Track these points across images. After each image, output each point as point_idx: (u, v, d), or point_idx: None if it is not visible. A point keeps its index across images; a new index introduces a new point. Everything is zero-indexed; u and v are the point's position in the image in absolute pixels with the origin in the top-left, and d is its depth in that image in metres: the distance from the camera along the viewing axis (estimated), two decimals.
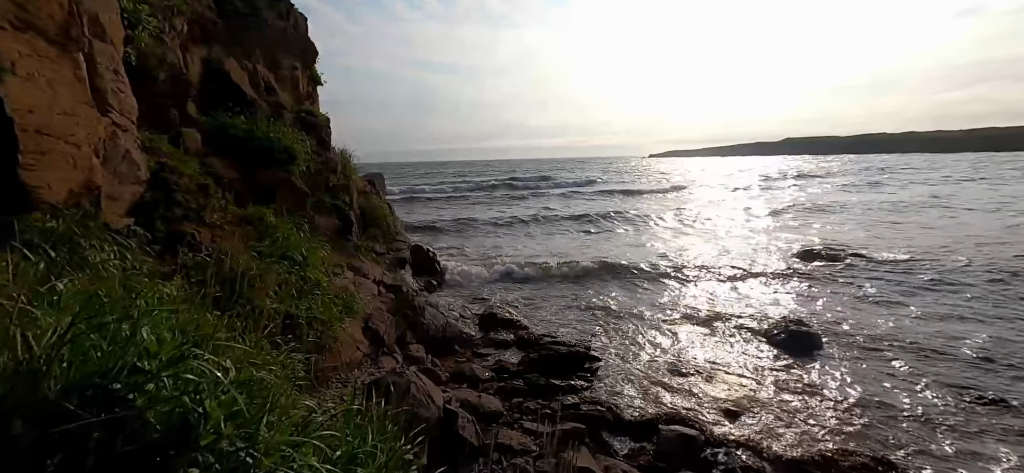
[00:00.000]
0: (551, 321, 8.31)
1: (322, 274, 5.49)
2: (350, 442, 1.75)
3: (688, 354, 6.80)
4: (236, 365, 1.95)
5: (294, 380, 2.81)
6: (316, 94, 10.06)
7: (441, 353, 6.62)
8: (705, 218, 21.76)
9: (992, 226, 16.55)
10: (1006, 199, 23.68)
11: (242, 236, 5.21)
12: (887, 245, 13.85)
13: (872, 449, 4.53)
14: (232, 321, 2.83)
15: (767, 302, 9.24)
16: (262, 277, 4.22)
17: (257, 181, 6.67)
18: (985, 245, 13.34)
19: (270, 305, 3.95)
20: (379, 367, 5.24)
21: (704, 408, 5.33)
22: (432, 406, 3.82)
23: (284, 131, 7.03)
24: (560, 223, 20.66)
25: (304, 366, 3.38)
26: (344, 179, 8.83)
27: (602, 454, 4.42)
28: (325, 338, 4.60)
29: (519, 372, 6.11)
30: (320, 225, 7.50)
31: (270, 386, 1.96)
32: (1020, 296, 8.93)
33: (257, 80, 7.61)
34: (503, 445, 4.29)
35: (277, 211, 6.35)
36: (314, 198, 7.64)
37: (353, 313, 5.57)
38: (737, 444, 4.59)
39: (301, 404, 1.89)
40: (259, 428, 1.39)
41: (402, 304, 7.11)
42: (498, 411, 4.95)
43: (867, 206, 23.62)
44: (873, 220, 19.32)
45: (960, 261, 11.45)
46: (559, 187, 39.89)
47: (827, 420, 5.08)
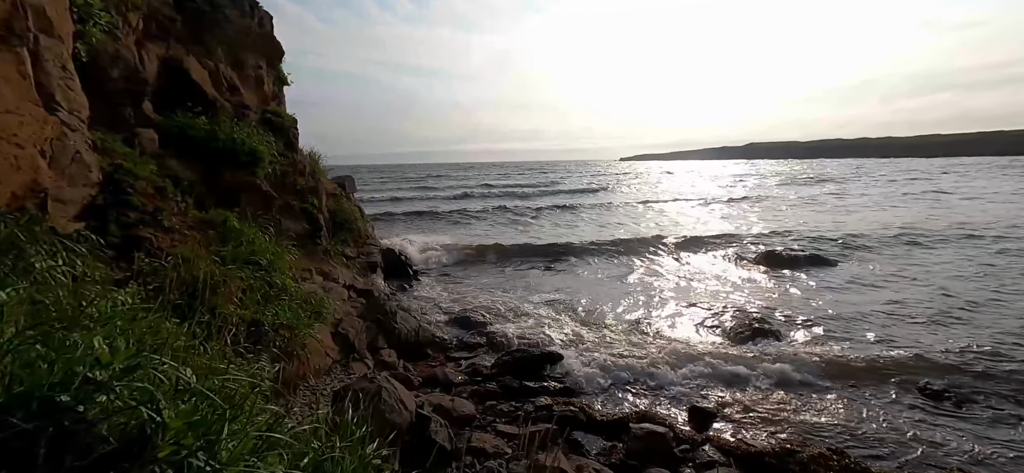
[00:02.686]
0: (525, 320, 8.35)
1: (289, 279, 5.35)
2: (316, 449, 1.72)
3: (659, 352, 6.96)
4: (198, 373, 1.88)
5: (260, 388, 2.73)
6: (283, 95, 9.79)
7: (414, 357, 6.55)
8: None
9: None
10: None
11: (204, 240, 5.02)
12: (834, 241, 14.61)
13: (828, 439, 4.77)
14: (193, 329, 2.73)
15: (730, 299, 9.56)
16: (225, 283, 4.08)
17: (220, 184, 6.44)
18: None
19: (234, 312, 3.82)
20: (349, 373, 5.14)
21: (673, 404, 5.47)
22: (404, 411, 3.77)
23: (249, 132, 6.81)
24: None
25: (271, 374, 3.28)
26: (313, 181, 8.63)
27: (575, 454, 4.47)
28: (293, 345, 4.49)
29: (492, 375, 6.11)
30: (287, 229, 7.31)
31: (234, 394, 1.90)
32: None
33: (219, 79, 7.35)
34: (476, 449, 4.28)
35: (242, 215, 6.14)
36: (281, 201, 7.43)
37: (322, 319, 5.45)
38: (704, 440, 4.73)
39: (266, 412, 1.84)
40: (221, 437, 1.35)
41: (373, 308, 7.00)
42: (471, 414, 4.94)
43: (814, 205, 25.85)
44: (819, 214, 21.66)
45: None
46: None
47: (787, 413, 5.30)
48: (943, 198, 27.11)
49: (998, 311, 8.37)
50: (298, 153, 8.64)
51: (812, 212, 23.07)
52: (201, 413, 1.45)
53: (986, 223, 17.02)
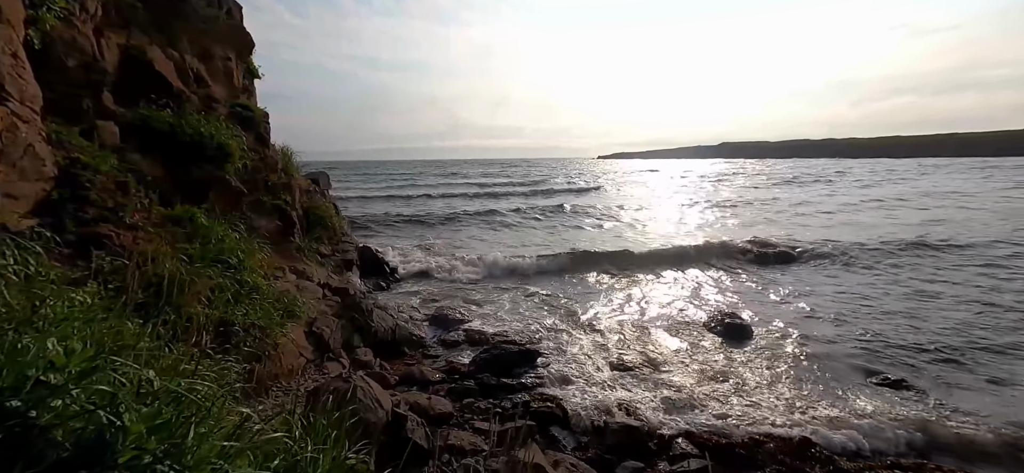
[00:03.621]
0: (501, 317, 8.36)
1: (261, 278, 5.20)
2: (288, 450, 1.68)
3: (633, 347, 7.08)
4: (162, 375, 1.82)
5: (229, 389, 2.65)
6: (253, 88, 9.50)
7: (390, 356, 6.48)
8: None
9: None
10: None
11: (169, 238, 4.83)
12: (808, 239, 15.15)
13: (794, 428, 4.95)
14: (158, 330, 2.63)
15: (704, 295, 9.81)
16: (192, 282, 3.94)
17: (187, 179, 6.20)
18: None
19: (202, 312, 3.70)
20: (324, 373, 5.05)
21: (647, 399, 5.58)
22: (380, 410, 3.73)
23: (217, 126, 6.58)
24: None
25: (241, 375, 3.19)
26: (285, 178, 8.41)
27: (552, 450, 4.50)
28: (264, 345, 4.37)
29: (470, 372, 6.10)
30: (259, 226, 7.11)
31: (201, 396, 1.84)
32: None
33: (185, 70, 7.07)
34: (454, 446, 4.27)
35: (210, 211, 5.94)
36: (252, 197, 7.22)
37: (296, 318, 5.33)
38: (678, 433, 4.84)
39: (235, 413, 1.79)
40: (186, 440, 1.31)
41: (349, 307, 6.88)
42: (448, 412, 4.92)
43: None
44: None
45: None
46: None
47: (757, 404, 5.48)
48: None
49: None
50: (270, 148, 8.41)
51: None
52: (165, 416, 1.40)
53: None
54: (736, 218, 21.89)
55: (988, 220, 18.54)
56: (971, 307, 8.71)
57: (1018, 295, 9.32)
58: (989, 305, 8.77)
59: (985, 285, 10.02)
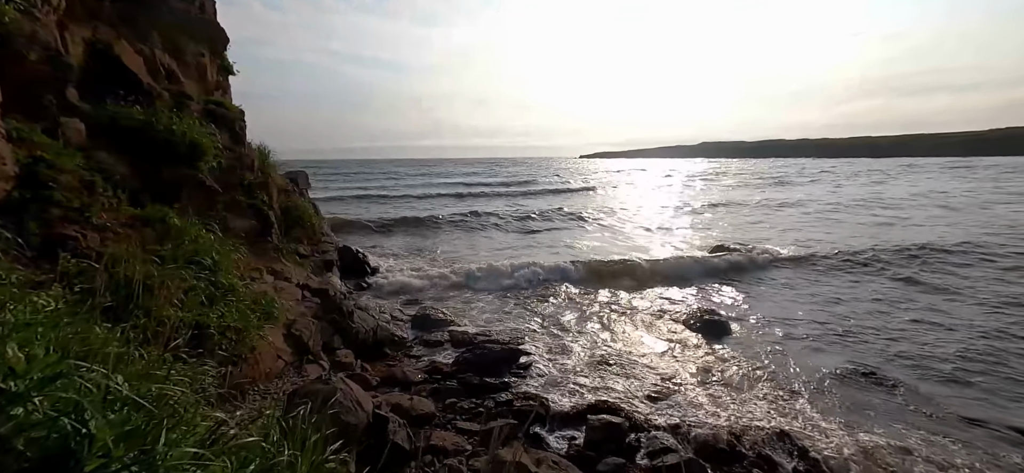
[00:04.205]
0: (485, 319, 8.36)
1: (237, 279, 5.08)
2: (265, 454, 1.65)
3: (614, 345, 7.16)
4: (132, 381, 1.76)
5: (203, 394, 2.58)
6: (227, 85, 9.24)
7: (371, 357, 6.41)
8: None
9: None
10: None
11: (139, 239, 4.67)
12: (783, 241, 15.53)
13: (771, 421, 5.08)
14: (127, 334, 2.54)
15: (684, 293, 9.98)
16: (164, 284, 3.82)
17: (158, 179, 6.00)
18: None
19: (174, 314, 3.58)
20: (303, 376, 4.96)
21: (629, 396, 5.65)
22: (361, 412, 3.68)
23: (189, 123, 6.39)
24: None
25: (216, 379, 3.12)
26: (262, 177, 8.22)
27: (535, 448, 4.52)
28: (241, 348, 4.27)
29: (453, 372, 6.07)
30: (235, 226, 6.93)
31: (173, 401, 1.79)
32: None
33: (155, 66, 6.84)
34: (436, 447, 4.25)
35: (183, 211, 5.76)
36: (227, 197, 7.03)
37: (273, 320, 5.22)
38: (658, 427, 4.91)
39: (209, 418, 1.75)
40: (157, 446, 1.27)
41: (329, 308, 6.77)
42: (431, 413, 4.89)
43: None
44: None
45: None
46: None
47: (734, 398, 5.61)
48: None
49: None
50: (245, 146, 8.20)
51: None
52: (135, 423, 1.36)
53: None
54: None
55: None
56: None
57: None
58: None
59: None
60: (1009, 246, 13.41)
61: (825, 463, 4.40)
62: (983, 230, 16.13)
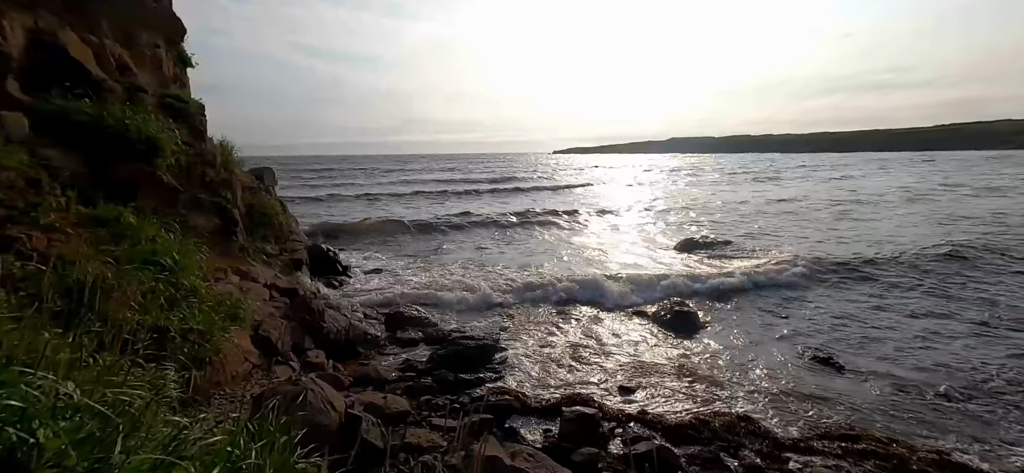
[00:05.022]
0: (460, 313, 8.33)
1: (199, 280, 4.88)
2: (229, 457, 1.61)
3: (588, 339, 7.27)
4: (86, 387, 1.68)
5: (165, 399, 2.48)
6: (186, 77, 8.84)
7: (344, 357, 6.29)
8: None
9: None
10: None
11: (92, 240, 4.43)
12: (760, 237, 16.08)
13: (737, 407, 5.28)
14: (80, 339, 2.42)
15: (654, 285, 10.21)
16: (120, 286, 3.64)
17: (112, 176, 5.70)
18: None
19: (132, 318, 3.42)
20: (272, 377, 4.83)
21: (602, 387, 5.77)
22: (332, 412, 3.62)
23: (145, 118, 6.09)
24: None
25: (178, 384, 3.00)
26: (225, 174, 7.91)
27: (510, 441, 4.55)
28: (205, 351, 4.12)
29: (427, 370, 6.04)
30: (197, 225, 6.65)
31: (131, 407, 1.72)
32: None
33: (106, 57, 6.47)
34: (411, 445, 4.22)
35: (140, 210, 5.49)
36: (187, 195, 6.75)
37: (240, 321, 5.05)
38: (630, 417, 5.03)
39: (170, 423, 1.69)
40: (113, 454, 1.22)
41: (298, 308, 6.60)
42: (405, 411, 4.84)
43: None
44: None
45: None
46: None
47: (703, 386, 5.80)
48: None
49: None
50: (207, 142, 7.88)
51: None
52: (89, 430, 1.30)
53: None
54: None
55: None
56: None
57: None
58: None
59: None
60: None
61: (782, 440, 4.62)
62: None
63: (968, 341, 7.06)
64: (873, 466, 4.24)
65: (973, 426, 4.99)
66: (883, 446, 4.51)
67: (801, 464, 4.26)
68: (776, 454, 4.43)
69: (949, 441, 4.72)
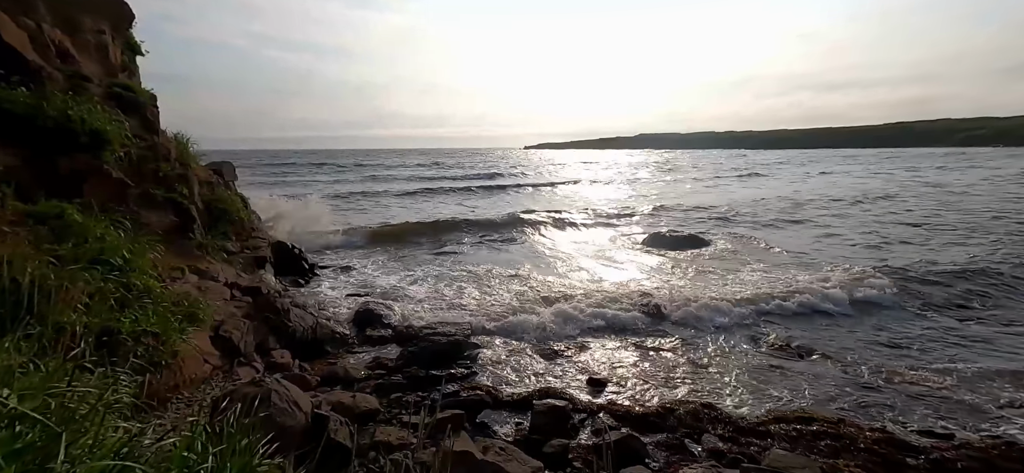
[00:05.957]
0: (429, 309, 8.26)
1: (153, 280, 4.65)
2: (186, 462, 1.55)
3: (558, 330, 7.35)
4: (26, 394, 1.57)
5: (115, 405, 2.36)
6: (135, 67, 8.36)
7: (311, 356, 6.14)
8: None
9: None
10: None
11: (31, 238, 4.14)
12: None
13: (701, 396, 5.48)
14: (18, 343, 2.26)
15: (622, 278, 10.43)
16: (64, 287, 3.42)
17: (53, 170, 5.34)
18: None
19: (77, 320, 3.23)
20: (234, 379, 4.67)
21: (572, 381, 5.85)
22: (298, 413, 3.53)
23: (90, 108, 5.72)
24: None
25: (131, 388, 2.85)
26: (180, 168, 7.55)
27: (481, 435, 4.57)
28: (160, 354, 3.93)
29: (398, 367, 5.96)
30: (149, 222, 6.32)
31: (77, 415, 1.62)
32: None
33: (44, 43, 6.03)
34: (380, 442, 4.16)
35: (86, 207, 5.17)
36: (139, 190, 6.40)
37: (198, 322, 4.85)
38: (600, 408, 5.12)
39: (120, 429, 1.60)
40: (57, 463, 1.15)
41: (262, 307, 6.39)
42: (375, 409, 4.78)
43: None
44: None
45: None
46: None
47: (668, 377, 5.98)
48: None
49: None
50: (160, 135, 7.49)
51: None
52: (29, 440, 1.22)
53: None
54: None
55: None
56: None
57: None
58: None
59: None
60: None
61: (742, 421, 4.83)
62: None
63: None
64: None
65: None
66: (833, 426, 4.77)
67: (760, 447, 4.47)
68: (737, 437, 4.63)
69: None
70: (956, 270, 10.48)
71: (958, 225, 16.28)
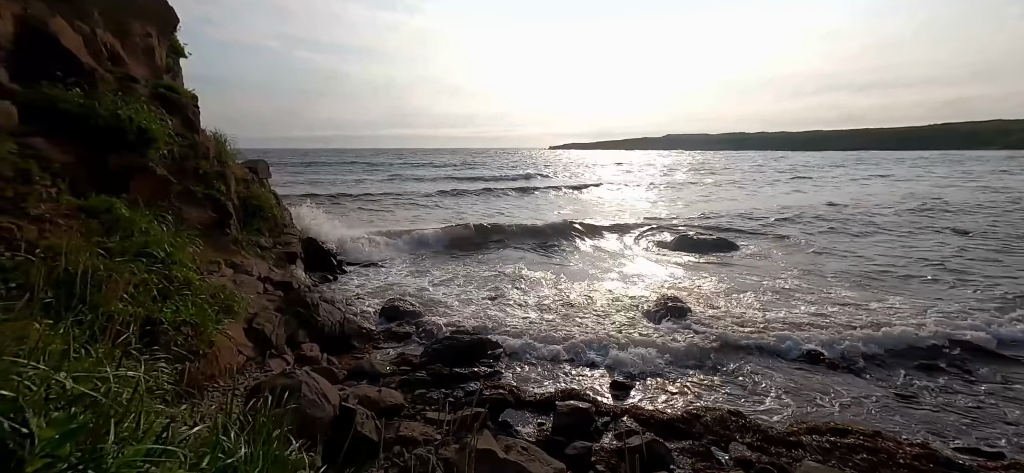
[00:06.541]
0: (454, 308, 8.34)
1: (192, 272, 4.86)
2: (223, 448, 1.61)
3: (582, 333, 7.30)
4: (78, 379, 1.67)
5: (157, 391, 2.48)
6: (179, 68, 8.75)
7: (338, 350, 6.30)
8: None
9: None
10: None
11: (83, 231, 4.39)
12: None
13: (727, 403, 5.34)
14: (71, 330, 2.40)
15: (648, 281, 10.27)
16: (111, 277, 3.61)
17: (104, 168, 5.65)
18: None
19: (123, 309, 3.41)
20: (266, 370, 4.83)
21: (596, 383, 5.80)
22: (327, 405, 3.63)
23: (137, 108, 6.02)
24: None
25: (171, 375, 2.99)
26: (219, 165, 7.86)
27: (504, 434, 4.58)
28: (198, 343, 4.11)
29: (422, 363, 6.05)
30: (190, 217, 6.61)
31: (123, 399, 1.72)
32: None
33: (97, 46, 6.39)
34: (405, 437, 4.24)
35: (132, 202, 5.45)
36: (180, 187, 6.70)
37: (233, 314, 5.04)
38: (623, 412, 5.07)
39: (162, 414, 1.69)
40: (106, 445, 1.22)
41: (293, 301, 6.59)
42: (400, 404, 4.87)
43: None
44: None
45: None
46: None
47: (694, 382, 5.85)
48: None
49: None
50: (200, 133, 7.81)
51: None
52: (81, 421, 1.30)
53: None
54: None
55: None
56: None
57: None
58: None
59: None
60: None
61: (771, 430, 4.68)
62: None
63: None
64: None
65: None
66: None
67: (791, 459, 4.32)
68: (766, 447, 4.49)
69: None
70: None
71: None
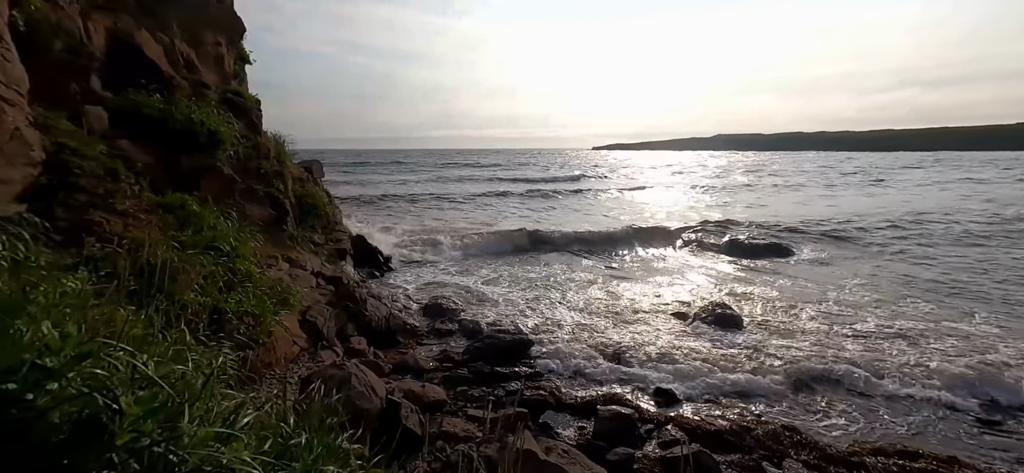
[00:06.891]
0: (497, 308, 8.40)
1: (253, 266, 5.19)
2: (281, 432, 1.71)
3: (627, 338, 7.15)
4: (156, 361, 1.82)
5: (223, 376, 2.66)
6: (244, 74, 9.37)
7: (384, 345, 6.51)
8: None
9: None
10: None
11: (160, 225, 4.79)
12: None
13: (783, 416, 5.05)
14: (150, 316, 2.62)
15: (696, 286, 9.90)
16: (184, 269, 3.92)
17: (177, 167, 6.13)
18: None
19: (194, 299, 3.69)
20: (318, 361, 5.07)
21: (639, 388, 5.66)
22: (374, 398, 3.76)
23: (208, 112, 6.50)
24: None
25: (235, 362, 3.20)
26: (278, 166, 8.33)
27: (544, 436, 4.57)
28: (258, 332, 4.38)
29: (464, 361, 6.14)
30: (251, 214, 7.05)
31: (195, 382, 1.85)
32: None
33: (175, 56, 6.95)
34: (447, 433, 4.32)
35: (202, 199, 5.89)
36: (244, 185, 7.15)
37: (289, 306, 5.33)
38: (668, 420, 4.92)
39: (229, 399, 1.81)
40: (182, 424, 1.32)
41: (342, 296, 6.88)
42: (442, 400, 4.96)
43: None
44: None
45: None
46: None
47: (746, 392, 5.57)
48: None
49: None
50: (261, 136, 8.31)
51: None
52: (161, 400, 1.41)
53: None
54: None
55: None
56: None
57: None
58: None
59: None
60: None
61: (829, 448, 4.38)
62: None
63: None
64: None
65: None
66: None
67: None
68: (824, 466, 4.22)
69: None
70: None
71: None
